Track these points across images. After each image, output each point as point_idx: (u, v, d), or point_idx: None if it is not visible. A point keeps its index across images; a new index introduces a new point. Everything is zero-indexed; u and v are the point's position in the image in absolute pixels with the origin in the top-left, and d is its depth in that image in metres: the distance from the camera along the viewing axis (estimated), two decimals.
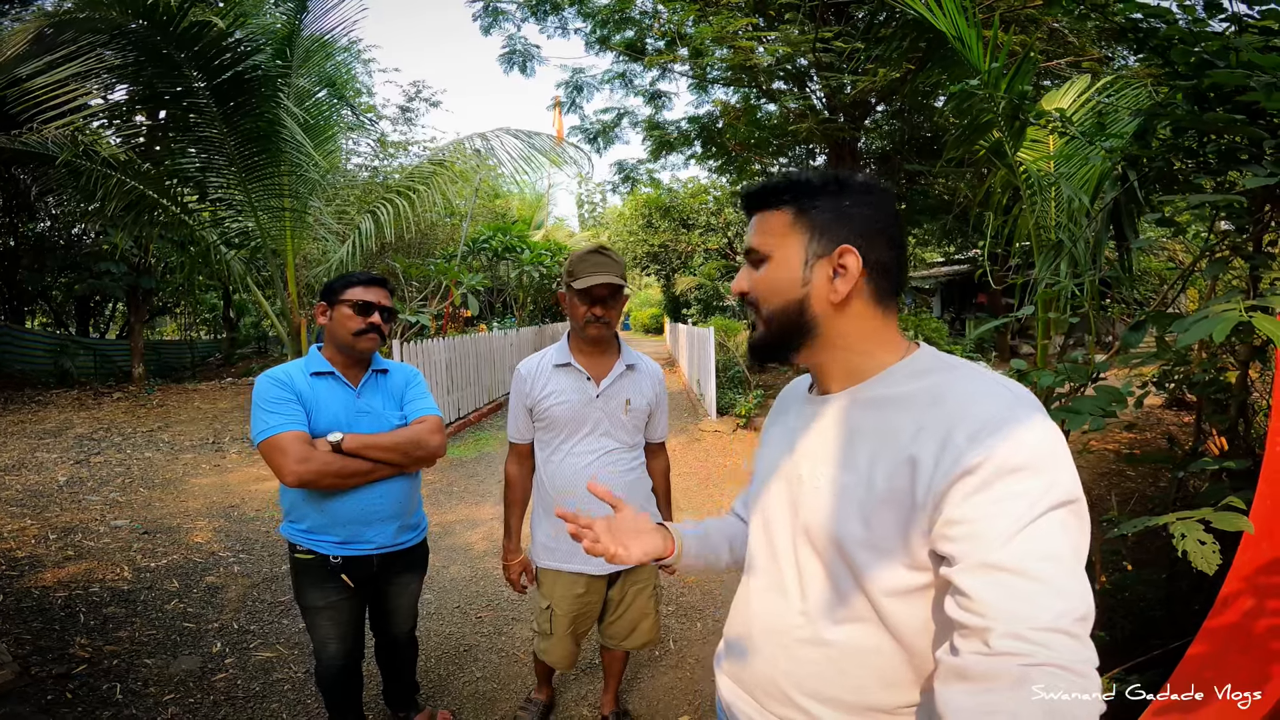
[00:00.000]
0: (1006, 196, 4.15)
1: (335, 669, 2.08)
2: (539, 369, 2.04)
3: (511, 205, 16.44)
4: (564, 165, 7.27)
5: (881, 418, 0.84)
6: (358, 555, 1.99)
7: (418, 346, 7.45)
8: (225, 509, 5.03)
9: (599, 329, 1.94)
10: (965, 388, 0.80)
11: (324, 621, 2.03)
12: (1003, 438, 0.71)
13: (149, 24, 4.73)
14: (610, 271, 1.89)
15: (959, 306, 18.71)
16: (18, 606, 3.28)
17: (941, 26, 3.16)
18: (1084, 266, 2.97)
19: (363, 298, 1.97)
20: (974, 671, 0.65)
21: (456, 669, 2.88)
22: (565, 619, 2.09)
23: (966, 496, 0.71)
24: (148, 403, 9.82)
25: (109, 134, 7.20)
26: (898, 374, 0.86)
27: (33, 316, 16.68)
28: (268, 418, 1.84)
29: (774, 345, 0.91)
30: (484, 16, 6.49)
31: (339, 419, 1.94)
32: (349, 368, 2.03)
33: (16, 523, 4.52)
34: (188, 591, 3.58)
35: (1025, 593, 0.65)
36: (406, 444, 1.98)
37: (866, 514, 0.81)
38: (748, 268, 0.94)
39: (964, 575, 0.69)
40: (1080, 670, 0.63)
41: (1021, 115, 3.36)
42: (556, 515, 1.05)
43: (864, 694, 0.84)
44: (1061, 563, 0.67)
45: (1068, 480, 0.71)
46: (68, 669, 2.73)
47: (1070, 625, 0.64)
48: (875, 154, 8.58)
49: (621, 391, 2.02)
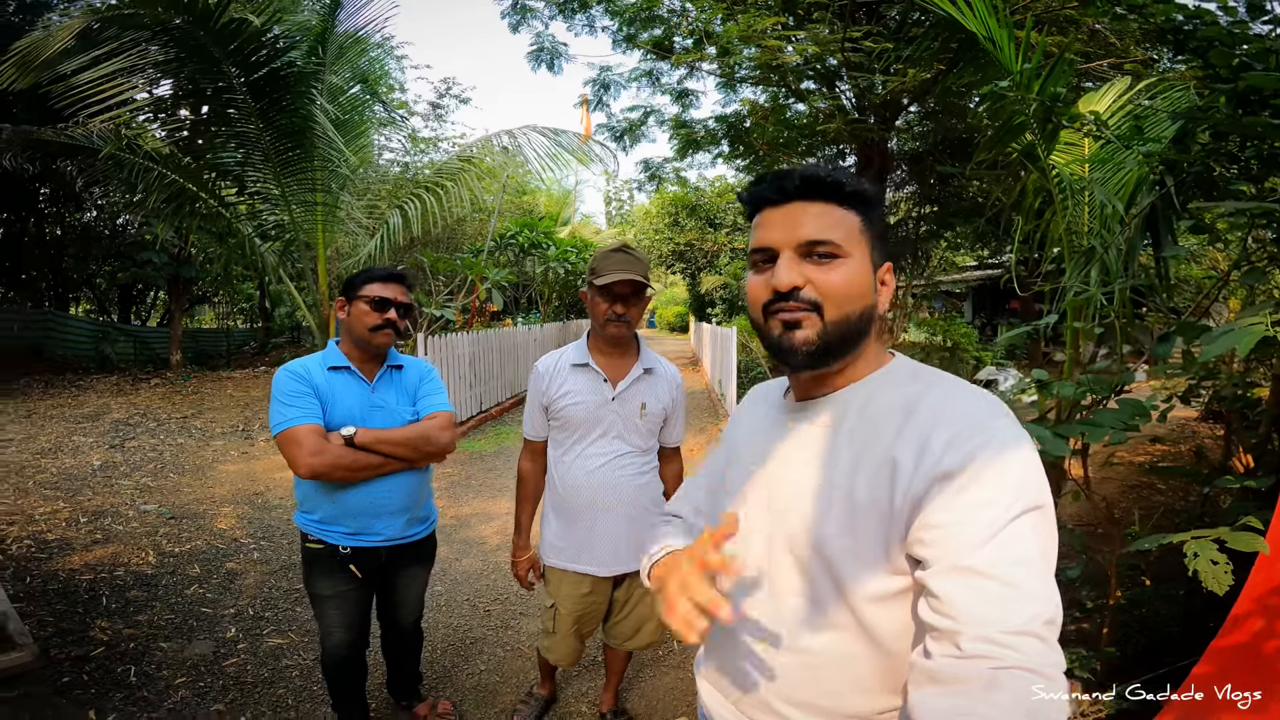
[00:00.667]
0: (1039, 200, 4.05)
1: (340, 657, 2.11)
2: (556, 368, 2.03)
3: (539, 202, 16.55)
4: (590, 163, 7.29)
5: (863, 423, 0.84)
6: (367, 546, 2.02)
7: (442, 340, 7.53)
8: (249, 496, 5.15)
9: (619, 328, 1.92)
10: (941, 397, 0.81)
11: (331, 610, 2.06)
12: (977, 445, 0.73)
13: (190, 20, 4.86)
14: (633, 270, 1.87)
15: (991, 312, 18.34)
16: (44, 589, 3.39)
17: (972, 27, 3.09)
18: (1115, 274, 2.89)
19: (380, 294, 1.99)
20: (945, 674, 0.66)
21: (461, 660, 2.91)
22: (569, 618, 2.09)
23: (942, 500, 0.72)
24: (183, 389, 10.10)
25: (153, 128, 7.43)
26: (879, 381, 0.88)
27: (77, 303, 17.29)
28: (285, 410, 1.87)
29: (832, 350, 0.85)
30: (512, 14, 6.53)
31: (353, 413, 1.97)
32: (365, 362, 2.05)
33: (50, 505, 4.67)
34: (208, 577, 3.67)
35: (996, 596, 0.66)
36: (417, 439, 2.00)
37: (849, 521, 0.81)
38: (793, 259, 0.85)
39: (937, 578, 0.70)
40: (1049, 673, 0.64)
41: (1054, 118, 3.27)
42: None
43: (840, 700, 0.84)
44: (1032, 567, 0.68)
45: (1037, 486, 0.72)
46: (86, 651, 2.81)
47: (1039, 629, 0.65)
48: (906, 155, 8.43)
49: (637, 395, 2.00)
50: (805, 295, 0.84)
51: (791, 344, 0.85)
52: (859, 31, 4.57)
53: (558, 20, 6.55)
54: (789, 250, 0.85)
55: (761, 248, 0.88)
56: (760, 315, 0.88)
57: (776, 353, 0.88)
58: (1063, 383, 2.64)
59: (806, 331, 0.84)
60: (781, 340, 0.86)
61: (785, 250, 0.86)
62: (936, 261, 11.25)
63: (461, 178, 6.92)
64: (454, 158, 7.59)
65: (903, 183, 10.11)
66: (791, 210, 0.86)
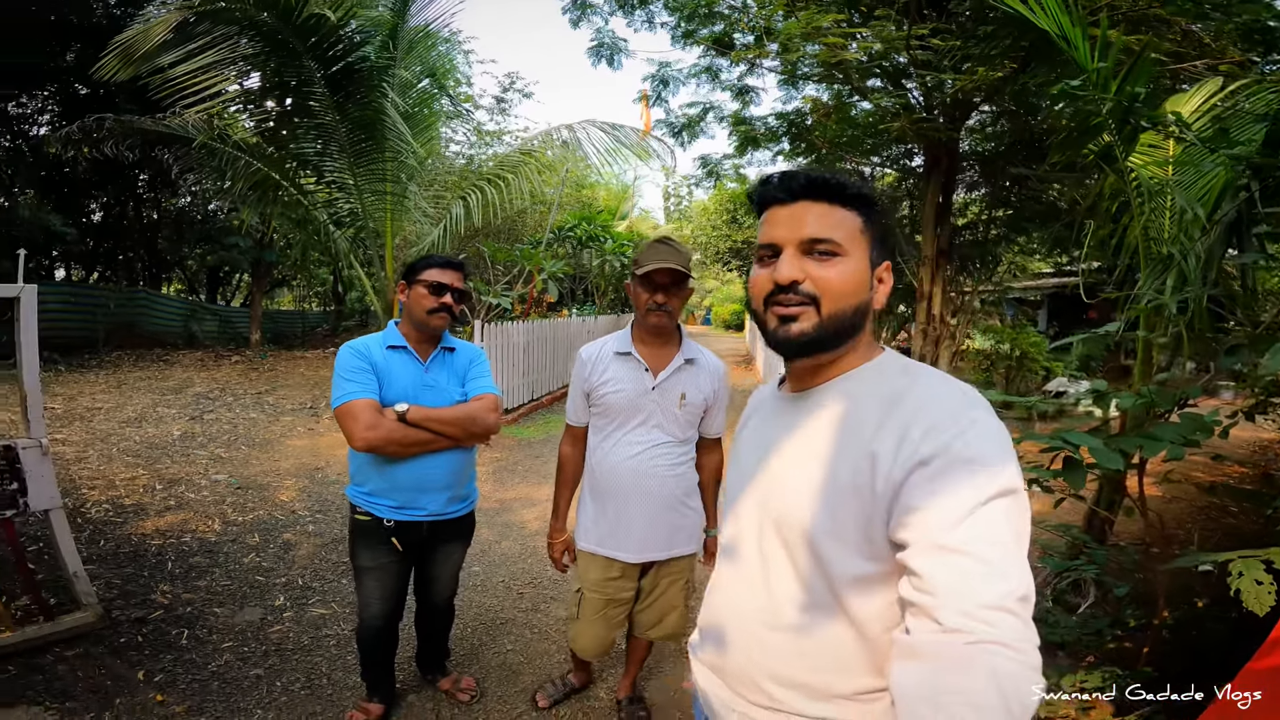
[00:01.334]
0: (1116, 205, 3.85)
1: (375, 628, 2.23)
2: (600, 355, 2.08)
3: (598, 196, 16.71)
4: (649, 159, 7.32)
5: (848, 414, 0.90)
6: (410, 520, 2.13)
7: (498, 328, 7.72)
8: (311, 471, 5.43)
9: (660, 317, 1.95)
10: (923, 389, 0.86)
11: (371, 581, 2.18)
12: (955, 434, 0.78)
13: (273, 15, 5.14)
14: (673, 260, 1.90)
15: (1067, 321, 17.43)
16: (116, 551, 3.65)
17: (1043, 24, 2.98)
18: (1193, 282, 2.73)
19: (438, 279, 2.11)
20: (924, 649, 0.69)
21: (489, 639, 3.01)
22: (595, 602, 2.12)
23: (920, 485, 0.77)
24: (260, 367, 10.71)
25: (243, 119, 7.89)
26: (866, 374, 0.93)
27: (169, 283, 18.52)
28: (345, 385, 2.00)
29: (826, 342, 0.92)
30: (573, 10, 6.61)
31: (407, 391, 2.09)
32: (421, 343, 2.17)
33: (130, 472, 5.04)
34: (265, 546, 3.89)
35: (972, 572, 0.70)
36: (464, 419, 2.11)
37: (832, 505, 0.86)
38: (795, 256, 0.91)
39: (916, 557, 0.74)
40: (1022, 647, 0.66)
41: (1132, 119, 3.11)
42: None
43: (823, 678, 0.89)
44: (1005, 547, 0.72)
45: (1011, 473, 0.76)
46: (146, 614, 3.02)
47: (1013, 604, 0.68)
48: (978, 155, 8.10)
49: (678, 385, 2.03)
50: (804, 289, 0.90)
51: (787, 335, 0.91)
52: (925, 29, 4.41)
53: (618, 16, 6.59)
54: (792, 246, 0.91)
55: (767, 244, 0.94)
56: (761, 307, 0.95)
57: (772, 343, 0.94)
58: (1121, 394, 2.51)
59: (802, 324, 0.90)
60: (777, 332, 0.92)
61: (789, 246, 0.91)
62: (1007, 266, 10.76)
63: (521, 170, 7.08)
64: (515, 151, 7.76)
65: (974, 184, 9.71)
66: (797, 209, 0.92)
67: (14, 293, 2.73)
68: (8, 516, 2.66)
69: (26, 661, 2.54)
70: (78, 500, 4.29)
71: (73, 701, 2.35)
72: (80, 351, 10.40)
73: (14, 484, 2.70)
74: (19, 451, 2.70)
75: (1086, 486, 3.44)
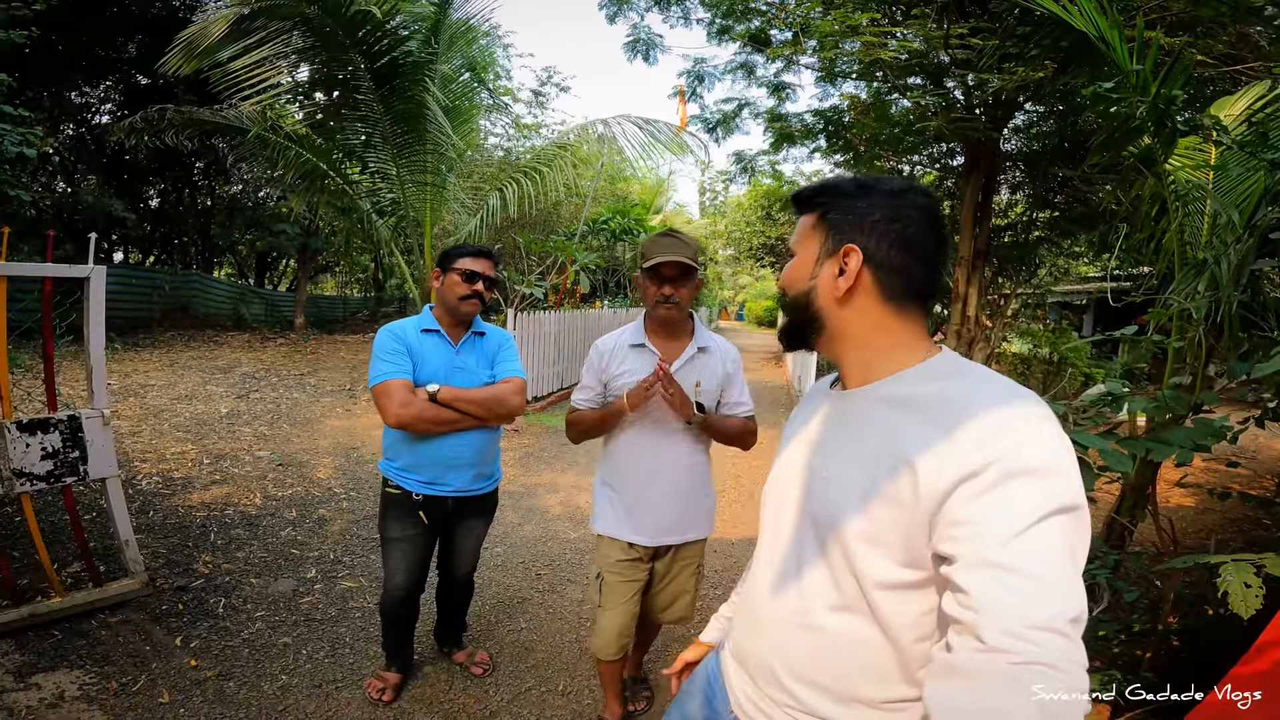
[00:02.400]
0: (1155, 208, 3.79)
1: (398, 599, 2.36)
2: (615, 346, 2.12)
3: (633, 189, 16.77)
4: (683, 154, 7.35)
5: (891, 417, 0.87)
6: (437, 495, 2.27)
7: (530, 317, 7.87)
8: (347, 449, 5.65)
9: (669, 310, 1.98)
10: (974, 393, 0.82)
11: (396, 553, 2.31)
12: (1010, 443, 0.74)
13: (322, 10, 5.33)
14: (679, 252, 1.92)
15: (1114, 326, 16.88)
16: (163, 522, 3.88)
17: (1080, 25, 2.95)
18: (1226, 288, 2.69)
19: (470, 267, 2.23)
20: (966, 668, 0.67)
21: (506, 617, 3.13)
22: (618, 586, 2.12)
23: (971, 498, 0.73)
24: (303, 349, 11.09)
25: (294, 109, 8.15)
26: (912, 376, 0.89)
27: (220, 267, 19.22)
28: (382, 365, 2.15)
29: (790, 332, 1.00)
30: (609, 5, 6.68)
31: (438, 372, 2.22)
32: (453, 327, 2.30)
33: (180, 446, 5.32)
34: (301, 521, 4.09)
35: (1022, 591, 0.67)
36: (491, 400, 2.24)
37: (869, 509, 0.84)
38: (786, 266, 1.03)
39: (963, 572, 0.71)
40: (1069, 670, 0.64)
41: (1169, 121, 3.06)
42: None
43: (848, 683, 0.88)
44: (1059, 565, 0.68)
45: (1072, 487, 0.72)
46: (187, 582, 3.20)
47: (1064, 626, 0.65)
48: (1021, 156, 7.92)
49: (692, 374, 2.06)
50: (779, 290, 1.04)
51: (778, 328, 1.07)
52: (964, 28, 4.36)
53: (653, 11, 6.64)
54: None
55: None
56: None
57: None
58: (1136, 399, 2.50)
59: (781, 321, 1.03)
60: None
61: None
62: (1048, 270, 10.49)
63: (556, 164, 7.20)
64: (550, 145, 7.87)
65: (1018, 185, 9.49)
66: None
67: (85, 273, 2.92)
68: (68, 483, 2.86)
69: (72, 626, 2.73)
70: (130, 472, 4.56)
71: (110, 665, 2.53)
72: (136, 331, 10.91)
73: (76, 452, 2.90)
74: (82, 421, 2.90)
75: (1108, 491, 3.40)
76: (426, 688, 2.54)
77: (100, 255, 13.34)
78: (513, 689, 2.58)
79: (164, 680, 2.47)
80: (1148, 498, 3.01)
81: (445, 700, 2.48)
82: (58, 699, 2.30)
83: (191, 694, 2.40)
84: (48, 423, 2.81)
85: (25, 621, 2.68)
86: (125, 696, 2.36)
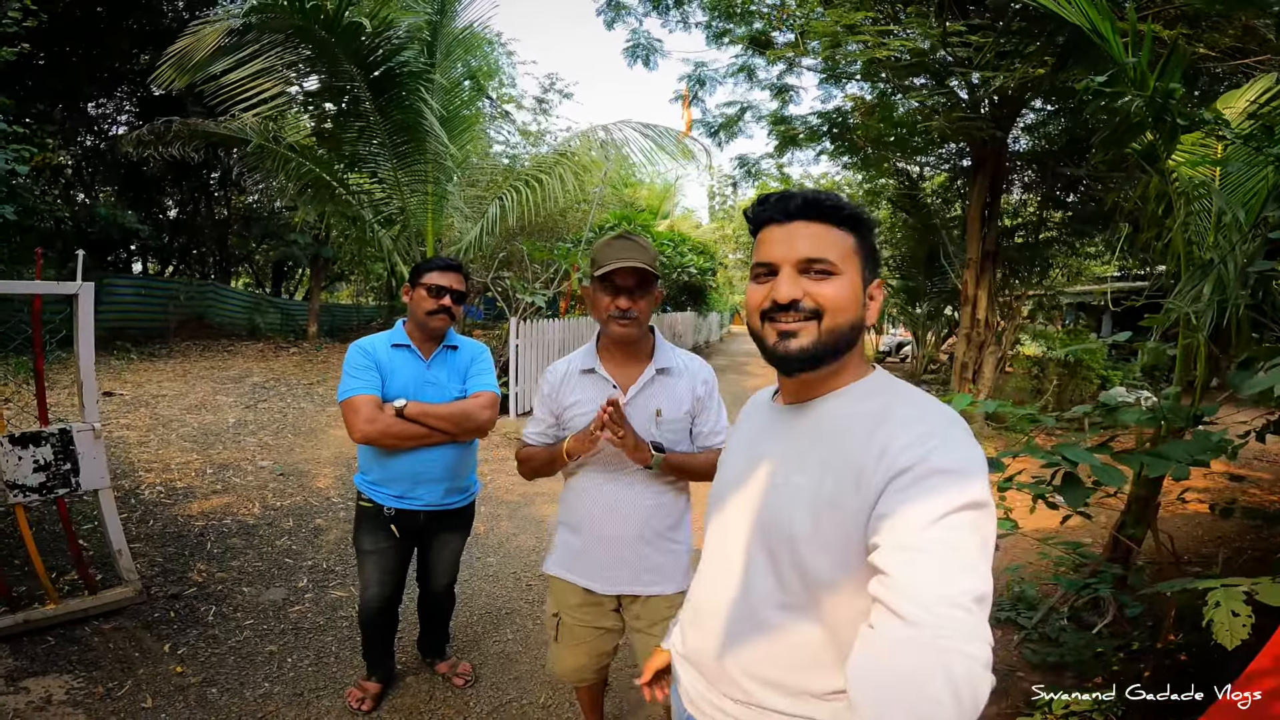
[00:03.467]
0: (1162, 207, 3.70)
1: (373, 609, 2.36)
2: (566, 373, 1.82)
3: (640, 195, 16.76)
4: (690, 158, 7.33)
5: (837, 429, 0.94)
6: (408, 509, 2.26)
7: (533, 325, 7.87)
8: (348, 459, 5.67)
9: (625, 326, 1.67)
10: (906, 408, 0.91)
11: (370, 565, 2.31)
12: (931, 449, 0.82)
13: (314, 23, 5.38)
14: (636, 257, 1.64)
15: (1132, 327, 16.56)
16: (162, 531, 3.91)
17: (1072, 19, 2.89)
18: (1232, 289, 2.61)
19: (437, 282, 2.22)
20: (882, 640, 0.73)
21: (492, 628, 3.11)
22: (574, 629, 1.89)
23: (896, 493, 0.81)
24: (314, 358, 11.19)
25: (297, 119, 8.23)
26: (856, 392, 0.97)
27: (238, 277, 19.49)
28: (350, 381, 2.15)
29: (823, 356, 0.95)
30: (607, 11, 6.69)
31: (408, 387, 2.21)
32: (423, 342, 2.29)
33: (186, 456, 5.37)
34: (298, 530, 4.10)
35: (933, 569, 0.74)
36: (459, 416, 2.22)
37: (815, 512, 0.90)
38: (793, 275, 0.95)
39: (884, 555, 0.78)
40: (974, 645, 0.70)
41: (1169, 116, 2.98)
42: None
43: (796, 677, 0.94)
44: (967, 551, 0.76)
45: (980, 487, 0.80)
46: (181, 590, 3.23)
47: (969, 603, 0.72)
48: (1029, 155, 7.80)
49: (651, 401, 1.75)
50: (805, 305, 0.94)
51: (787, 351, 0.95)
52: (962, 25, 4.30)
53: (651, 16, 6.64)
54: (789, 266, 0.95)
55: (764, 262, 0.98)
56: (758, 323, 0.98)
57: (771, 358, 0.98)
58: (1132, 409, 2.41)
59: (802, 340, 0.94)
60: (776, 347, 0.96)
61: (785, 266, 0.95)
62: (1061, 270, 10.31)
63: (556, 171, 7.20)
64: (551, 152, 7.89)
65: (1030, 184, 9.35)
66: (792, 229, 0.96)
67: (73, 290, 2.95)
68: (60, 495, 2.89)
69: (66, 633, 2.77)
70: (135, 482, 4.61)
71: (98, 671, 2.55)
72: (152, 341, 11.07)
73: (67, 465, 2.93)
74: (73, 434, 2.94)
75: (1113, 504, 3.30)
76: (407, 697, 2.53)
77: (119, 266, 13.60)
78: (493, 700, 2.55)
79: (149, 686, 2.49)
80: (1153, 511, 2.91)
81: (425, 710, 2.46)
82: (45, 703, 2.34)
83: (174, 699, 2.42)
84: (39, 436, 2.84)
85: (20, 627, 2.73)
86: (110, 701, 2.38)
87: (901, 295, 12.72)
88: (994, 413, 2.38)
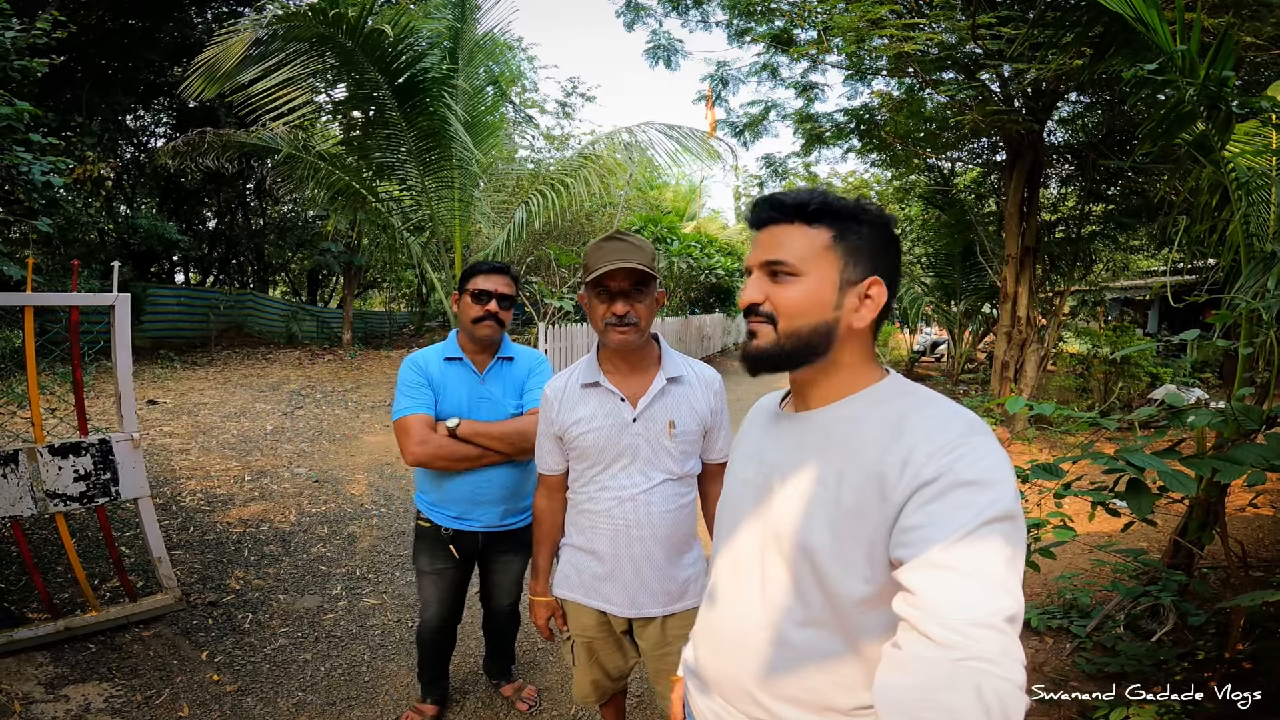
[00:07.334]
0: (1216, 198, 3.54)
1: (432, 628, 2.32)
2: (566, 390, 1.71)
3: (665, 197, 16.71)
4: (716, 159, 7.27)
5: (851, 437, 0.90)
6: (466, 530, 2.18)
7: (561, 330, 7.88)
8: (382, 466, 5.73)
9: (624, 333, 1.57)
10: (927, 413, 0.87)
11: (429, 585, 2.27)
12: (957, 457, 0.79)
13: (338, 31, 5.46)
14: (631, 257, 1.53)
15: (1181, 323, 15.97)
16: (201, 539, 3.98)
17: (1114, 6, 2.78)
18: None
19: (481, 286, 2.08)
20: (910, 661, 0.71)
21: (554, 650, 3.01)
22: (590, 649, 1.84)
23: (921, 506, 0.79)
24: (348, 365, 11.37)
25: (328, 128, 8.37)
26: (869, 397, 0.94)
27: (275, 286, 19.97)
28: (401, 400, 2.07)
29: (782, 359, 0.94)
30: (626, 13, 6.66)
31: (462, 404, 2.10)
32: (476, 354, 2.16)
33: (225, 463, 5.47)
34: (332, 537, 4.14)
35: (963, 589, 0.71)
36: (513, 435, 2.08)
37: (834, 524, 0.87)
38: (762, 278, 0.95)
39: (910, 573, 0.76)
40: (1006, 664, 0.68)
41: (1223, 105, 2.85)
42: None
43: (820, 694, 0.90)
44: (997, 567, 0.73)
45: (1010, 498, 0.77)
46: (219, 598, 3.27)
47: (1000, 622, 0.70)
48: (1068, 148, 7.56)
49: (663, 413, 1.65)
50: (764, 309, 0.94)
51: (746, 351, 0.96)
52: (992, 17, 4.17)
53: (671, 16, 6.59)
54: (757, 268, 0.96)
55: (746, 266, 1.00)
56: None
57: (740, 357, 1.00)
58: (1200, 411, 2.28)
59: (760, 341, 0.94)
60: (744, 346, 0.97)
61: (754, 268, 0.96)
62: (1105, 265, 9.97)
63: (581, 175, 7.20)
64: (576, 155, 7.90)
65: (1069, 178, 9.07)
66: (764, 233, 0.96)
67: (109, 301, 3.02)
68: (101, 504, 2.96)
69: (106, 640, 2.82)
70: (176, 489, 4.72)
71: (137, 679, 2.59)
72: (195, 350, 11.38)
73: (107, 474, 3.00)
74: (112, 444, 3.00)
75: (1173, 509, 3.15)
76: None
77: (161, 276, 14.02)
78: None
79: (186, 694, 2.52)
80: (1216, 516, 2.77)
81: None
82: (84, 710, 2.38)
83: (210, 708, 2.44)
84: (79, 446, 2.91)
85: (62, 635, 2.78)
86: (147, 709, 2.41)
87: (936, 293, 12.44)
88: (1044, 414, 2.28)
